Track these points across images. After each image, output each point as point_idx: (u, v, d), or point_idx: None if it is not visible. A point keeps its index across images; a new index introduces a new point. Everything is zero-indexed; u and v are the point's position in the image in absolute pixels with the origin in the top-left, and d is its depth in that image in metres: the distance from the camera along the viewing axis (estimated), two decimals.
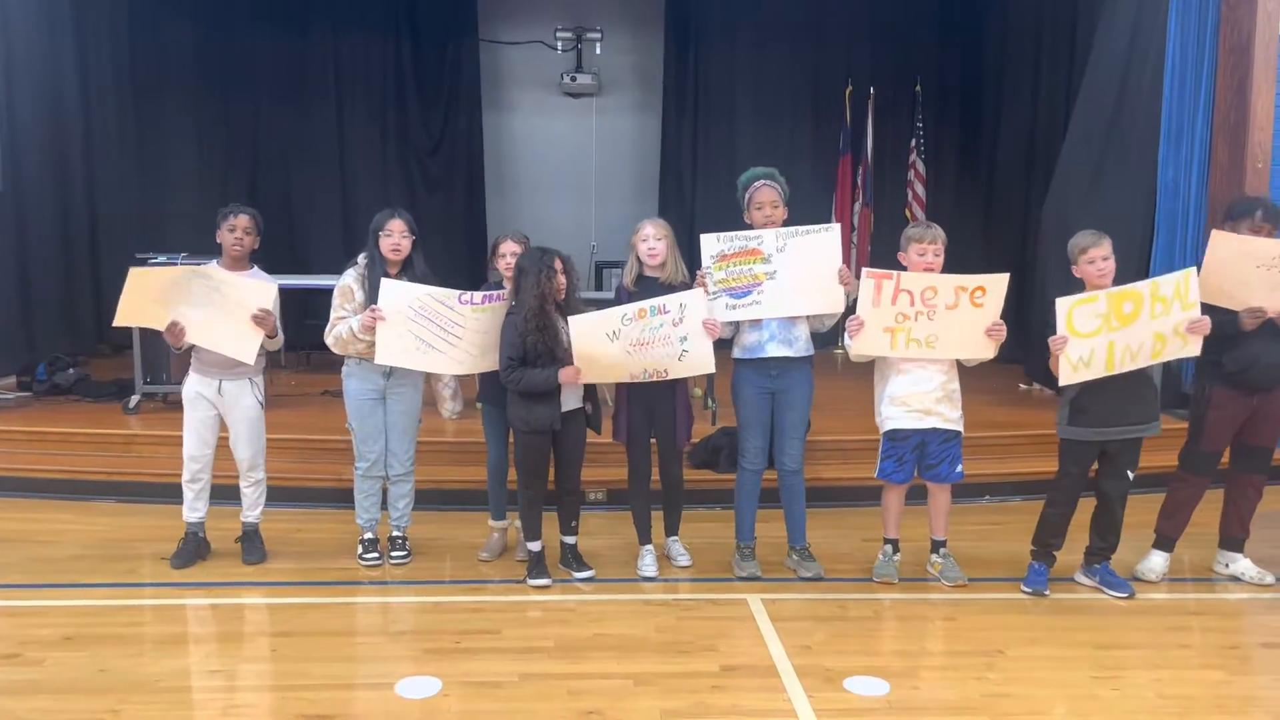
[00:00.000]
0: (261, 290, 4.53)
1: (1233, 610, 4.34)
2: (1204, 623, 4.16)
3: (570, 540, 4.60)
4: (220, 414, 4.64)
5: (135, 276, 4.52)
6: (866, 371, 4.62)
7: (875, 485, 4.72)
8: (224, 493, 4.86)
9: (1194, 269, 4.18)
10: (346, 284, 4.56)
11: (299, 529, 5.24)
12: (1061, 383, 4.25)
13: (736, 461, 4.71)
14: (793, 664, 3.68)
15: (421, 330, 4.43)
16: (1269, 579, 4.51)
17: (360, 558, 4.72)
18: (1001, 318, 4.35)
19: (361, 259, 4.59)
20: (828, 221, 5.52)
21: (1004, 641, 3.89)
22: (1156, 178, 6.75)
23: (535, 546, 4.53)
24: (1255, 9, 6.29)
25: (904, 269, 4.42)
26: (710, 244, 4.47)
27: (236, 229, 4.58)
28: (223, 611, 4.27)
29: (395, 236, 4.51)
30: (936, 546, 4.62)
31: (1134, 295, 4.14)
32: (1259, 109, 6.37)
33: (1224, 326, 4.23)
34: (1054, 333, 4.17)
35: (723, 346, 4.63)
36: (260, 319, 4.45)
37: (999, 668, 3.67)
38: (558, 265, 4.31)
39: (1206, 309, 4.23)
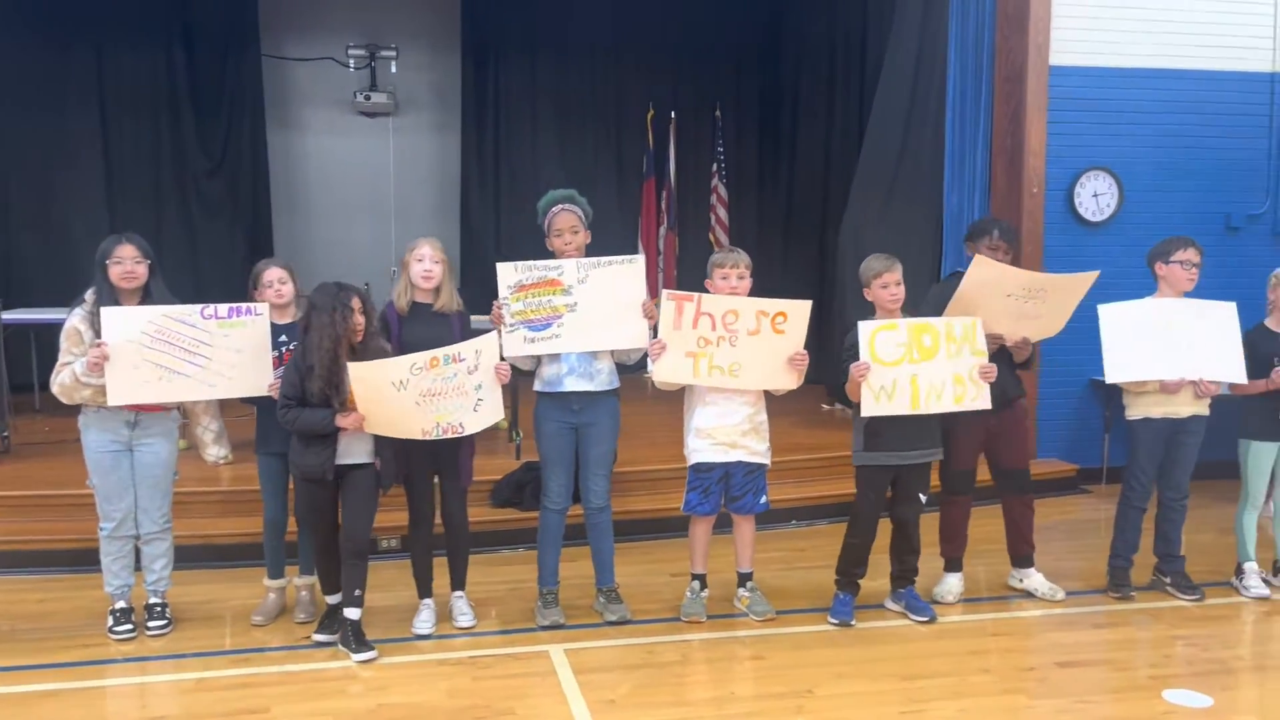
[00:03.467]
0: None
1: (1028, 629, 4.40)
2: (1002, 644, 4.19)
3: (353, 614, 4.00)
4: None
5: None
6: (678, 398, 4.46)
7: (685, 516, 4.55)
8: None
9: (979, 320, 4.23)
10: (73, 325, 4.00)
11: (39, 601, 4.60)
12: (864, 414, 4.20)
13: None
14: None
15: (160, 357, 3.95)
16: (1060, 594, 4.62)
17: (110, 631, 4.15)
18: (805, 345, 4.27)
19: (89, 294, 4.03)
20: (632, 246, 5.33)
21: (813, 679, 3.77)
22: (943, 203, 6.96)
23: (332, 600, 4.12)
24: (1027, 41, 6.60)
25: None
26: (507, 273, 4.20)
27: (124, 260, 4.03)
28: None
29: (126, 263, 4.00)
30: (743, 580, 4.51)
31: (931, 330, 4.17)
32: (1033, 136, 6.68)
33: None
34: (856, 357, 4.13)
35: (524, 378, 4.38)
36: None
37: (808, 709, 3.54)
38: (355, 304, 3.91)
39: None
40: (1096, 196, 6.79)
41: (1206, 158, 6.88)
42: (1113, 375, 4.51)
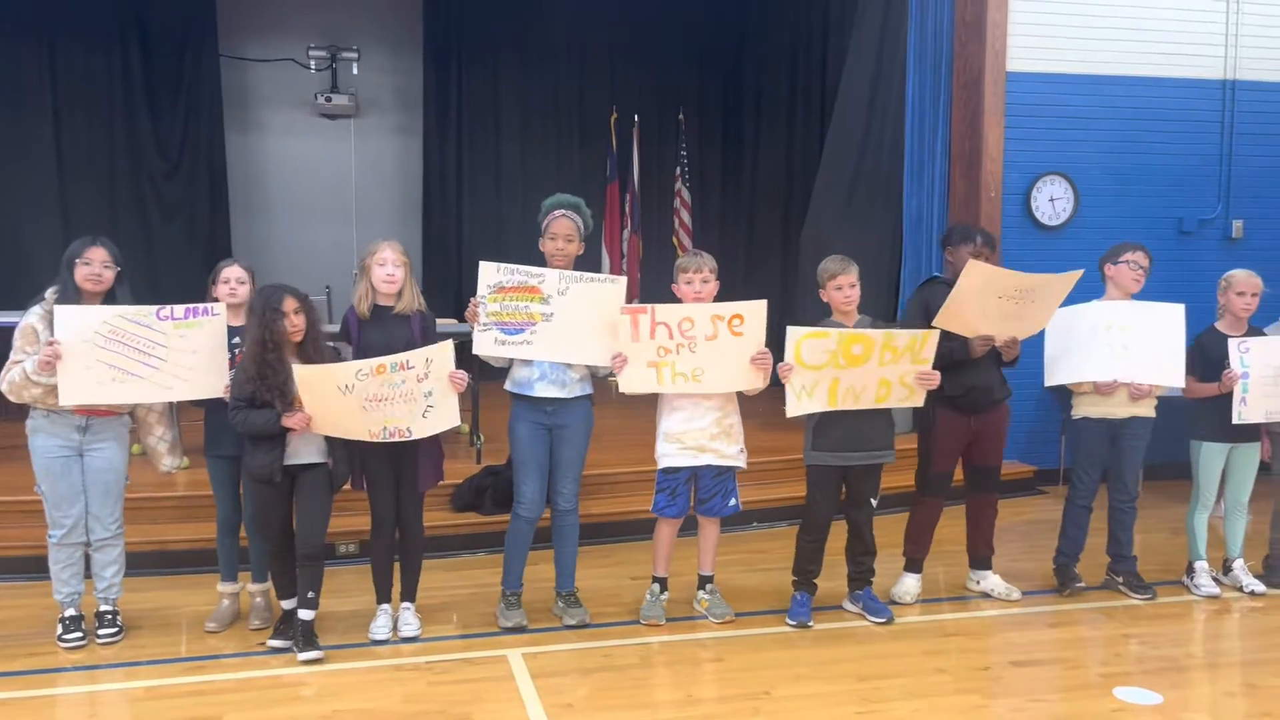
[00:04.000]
0: None
1: (984, 629, 4.43)
2: (959, 644, 4.21)
3: (306, 615, 3.97)
4: None
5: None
6: (640, 402, 4.44)
7: (647, 519, 4.56)
8: None
9: (936, 332, 4.23)
10: (29, 324, 3.92)
11: None
12: (789, 413, 4.25)
13: (503, 503, 4.40)
14: None
15: (114, 358, 3.89)
16: (1015, 594, 4.67)
17: (59, 639, 4.08)
18: (766, 343, 4.28)
19: (50, 293, 3.96)
20: (596, 249, 5.24)
21: (770, 681, 3.78)
22: (902, 207, 7.02)
23: (288, 605, 4.07)
24: (984, 46, 6.68)
25: (679, 301, 4.29)
26: (489, 273, 4.17)
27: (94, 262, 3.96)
28: None
29: (95, 265, 3.94)
30: (703, 582, 4.52)
31: (865, 340, 4.16)
32: (990, 141, 6.76)
33: (954, 352, 4.37)
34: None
35: (492, 380, 4.32)
36: None
37: (765, 711, 3.55)
38: (287, 306, 3.86)
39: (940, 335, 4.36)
40: (1053, 201, 6.89)
41: (1160, 163, 7.00)
42: (1049, 378, 4.62)
